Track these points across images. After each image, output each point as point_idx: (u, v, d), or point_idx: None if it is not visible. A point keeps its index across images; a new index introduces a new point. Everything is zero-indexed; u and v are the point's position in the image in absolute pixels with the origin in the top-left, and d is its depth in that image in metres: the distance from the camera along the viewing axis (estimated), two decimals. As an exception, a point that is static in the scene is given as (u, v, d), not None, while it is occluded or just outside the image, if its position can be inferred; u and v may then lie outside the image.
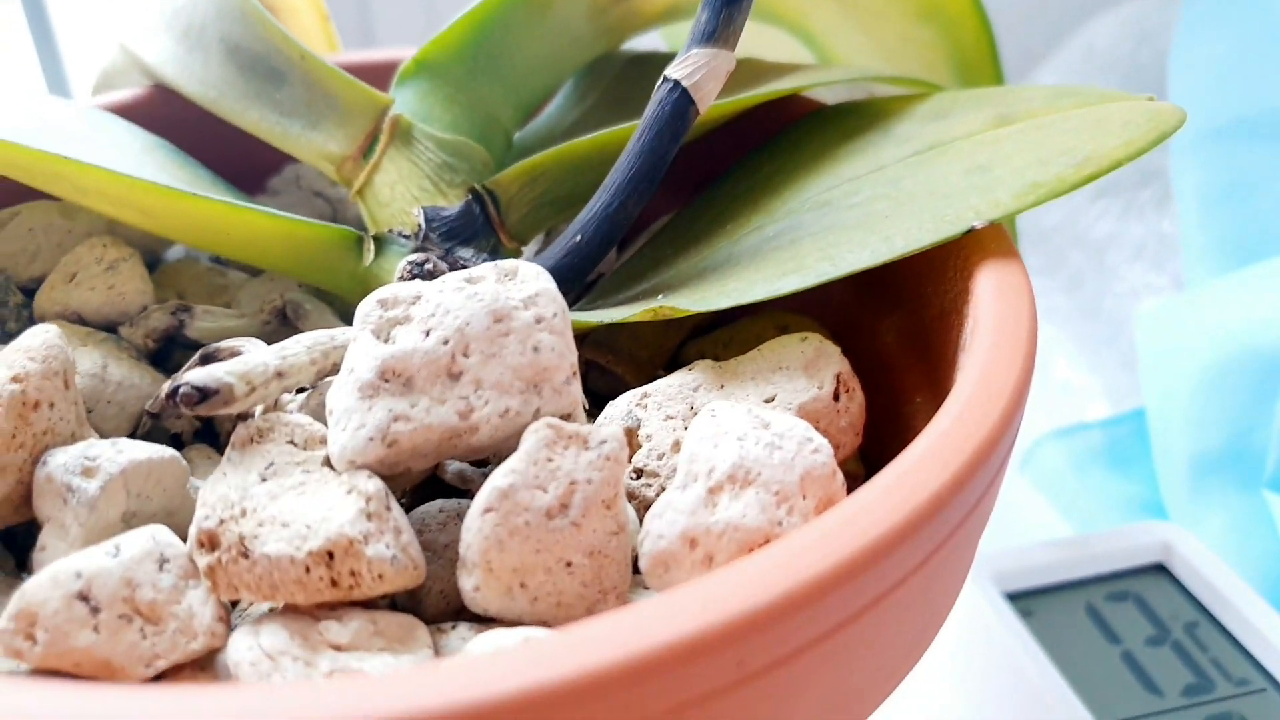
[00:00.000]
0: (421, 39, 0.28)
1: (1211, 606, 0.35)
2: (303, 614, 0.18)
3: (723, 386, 0.23)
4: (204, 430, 0.25)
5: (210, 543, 0.18)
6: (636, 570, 0.20)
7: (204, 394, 0.19)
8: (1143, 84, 0.55)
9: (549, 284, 0.20)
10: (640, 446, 0.22)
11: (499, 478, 0.18)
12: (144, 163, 0.27)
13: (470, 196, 0.26)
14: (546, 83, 0.28)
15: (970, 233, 0.22)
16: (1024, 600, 0.36)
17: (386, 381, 0.19)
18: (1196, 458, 0.41)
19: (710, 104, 0.24)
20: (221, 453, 0.24)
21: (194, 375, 0.19)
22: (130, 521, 0.20)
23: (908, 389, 0.25)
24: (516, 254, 0.26)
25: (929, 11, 0.35)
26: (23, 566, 0.21)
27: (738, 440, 0.20)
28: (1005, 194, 0.22)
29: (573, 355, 0.20)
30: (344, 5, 0.87)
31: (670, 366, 0.26)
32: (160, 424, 0.24)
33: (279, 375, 0.20)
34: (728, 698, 0.14)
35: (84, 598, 0.18)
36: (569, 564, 0.19)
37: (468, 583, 0.18)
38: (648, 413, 0.23)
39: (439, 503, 0.21)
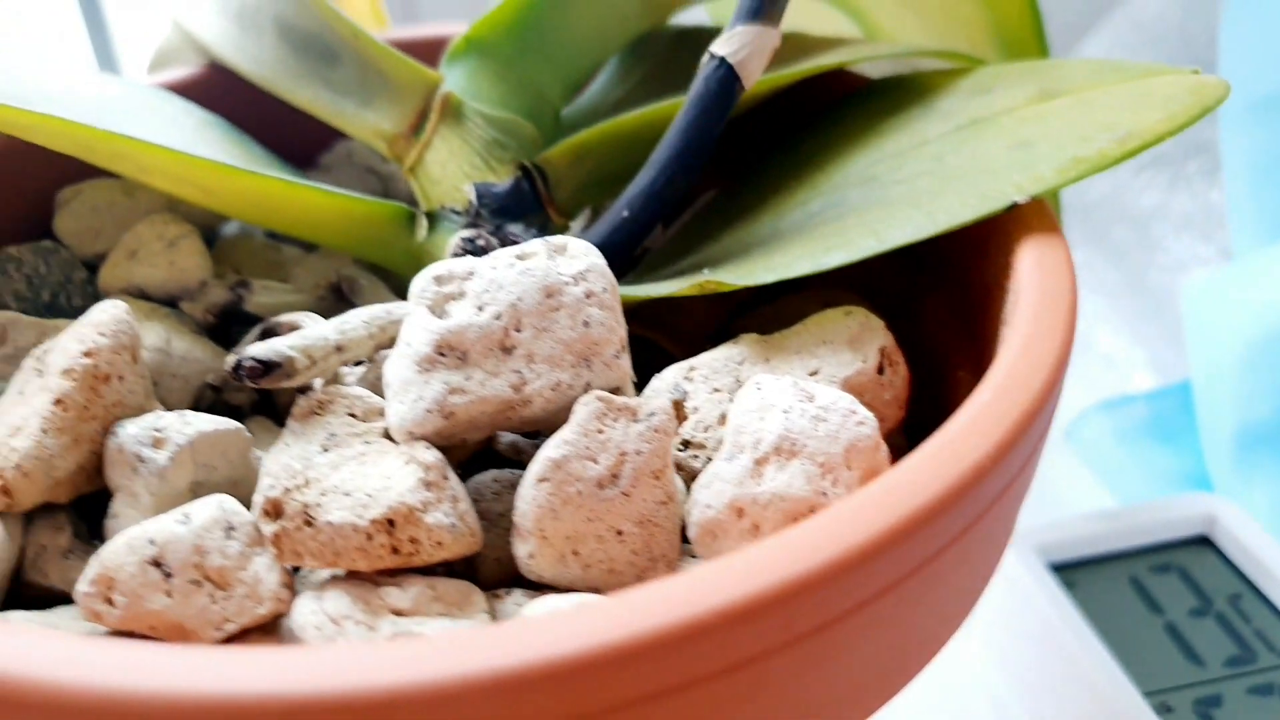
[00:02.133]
0: (468, 16, 0.28)
1: (1255, 578, 0.35)
2: (364, 580, 0.19)
3: (768, 360, 0.23)
4: (263, 403, 0.26)
5: (275, 511, 0.19)
6: (685, 539, 0.20)
7: (267, 367, 0.20)
8: (1192, 56, 0.55)
9: (598, 259, 0.21)
10: (687, 418, 0.23)
11: (552, 449, 0.19)
12: (200, 140, 0.28)
13: (520, 173, 0.26)
14: (593, 59, 0.29)
15: (1013, 208, 0.22)
16: (1067, 572, 0.36)
17: (443, 355, 0.20)
18: (1242, 430, 0.41)
19: (755, 80, 0.24)
20: (281, 424, 0.25)
21: (257, 349, 0.20)
22: (197, 490, 0.21)
23: (951, 363, 0.25)
24: (565, 229, 0.27)
25: (975, -11, 0.35)
26: (95, 534, 0.22)
27: (783, 413, 0.20)
28: (1047, 169, 0.22)
29: (622, 330, 0.21)
30: (387, -20, 0.88)
31: (716, 341, 0.27)
32: (222, 397, 0.25)
33: (338, 349, 0.21)
34: (775, 660, 0.15)
35: (157, 563, 0.18)
36: (620, 532, 0.19)
37: (522, 550, 0.19)
38: (694, 385, 0.23)
39: (493, 473, 0.22)
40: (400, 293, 0.27)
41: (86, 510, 0.22)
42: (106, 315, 0.21)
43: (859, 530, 0.15)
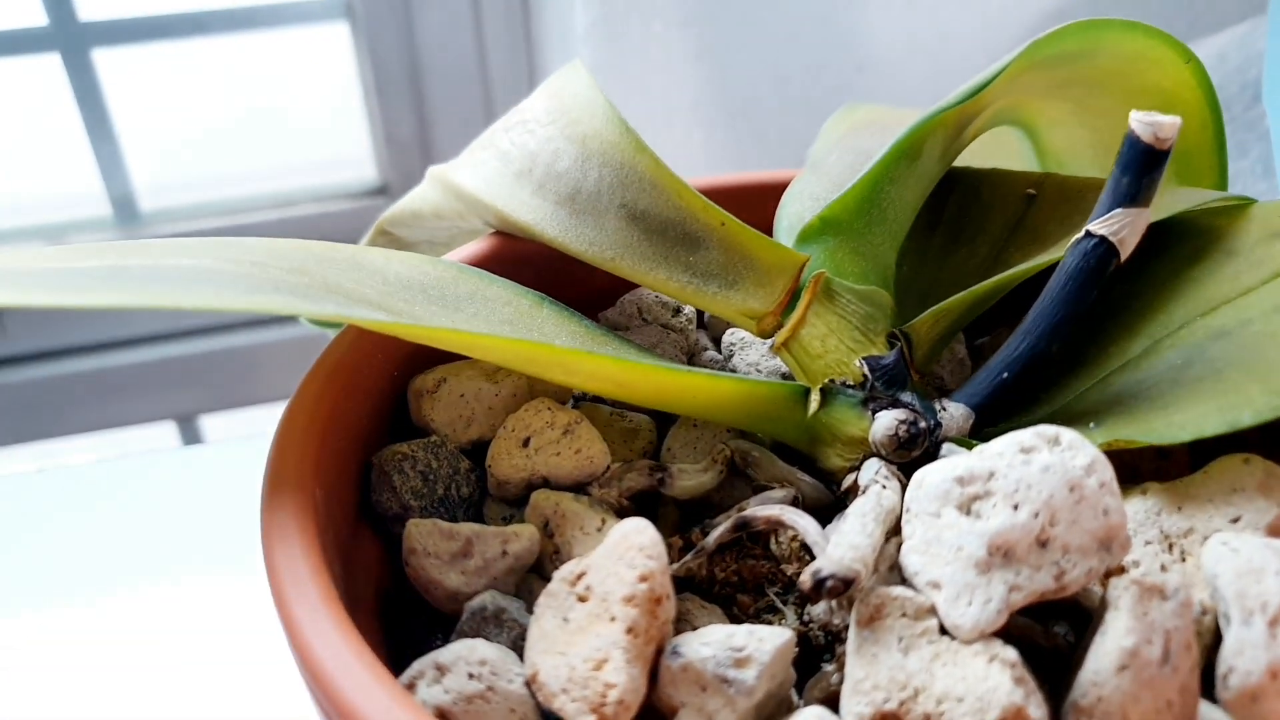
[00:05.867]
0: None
1: None
2: (973, 774, 0.21)
3: (1180, 509, 0.26)
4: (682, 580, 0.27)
5: (891, 720, 0.21)
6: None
7: (847, 584, 0.21)
8: (1233, 116, 0.60)
9: (1095, 450, 0.23)
10: (1127, 571, 0.25)
11: (1123, 638, 0.21)
12: (541, 319, 0.29)
13: (899, 342, 0.28)
14: (910, 221, 0.31)
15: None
16: None
17: (992, 555, 0.22)
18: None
19: (1129, 253, 0.27)
20: (702, 598, 0.26)
21: (833, 567, 0.22)
22: (763, 700, 0.22)
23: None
24: (920, 387, 0.29)
25: (1162, 107, 0.38)
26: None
27: (1276, 576, 0.23)
28: None
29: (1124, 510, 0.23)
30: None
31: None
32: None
33: (875, 550, 0.23)
34: None
35: (799, 783, 0.20)
36: (1169, 703, 0.22)
37: (1096, 730, 0.21)
38: (1125, 540, 0.26)
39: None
40: (791, 460, 0.28)
41: None
42: (646, 537, 0.22)
43: None
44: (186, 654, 0.47)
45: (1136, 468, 0.30)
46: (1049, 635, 0.24)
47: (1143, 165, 0.26)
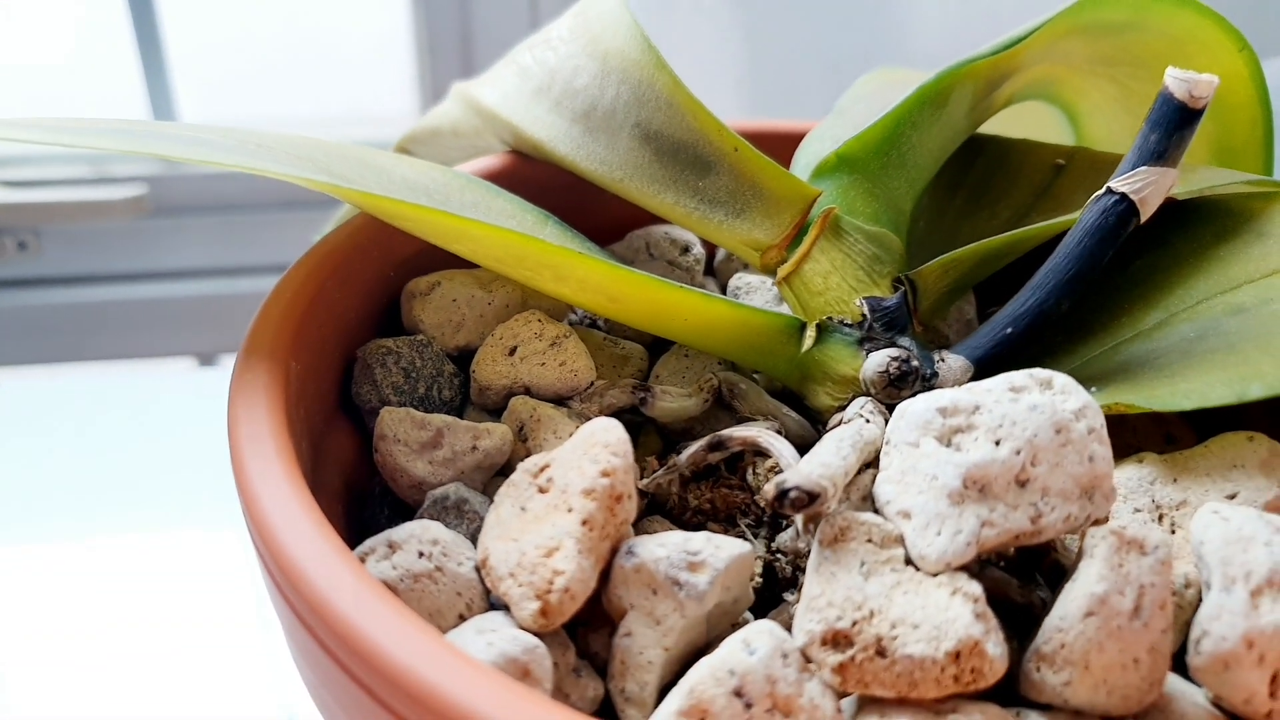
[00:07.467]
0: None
1: None
2: (923, 706, 0.20)
3: (1175, 480, 0.25)
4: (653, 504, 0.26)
5: (842, 641, 0.20)
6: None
7: (812, 498, 0.21)
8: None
9: (1088, 396, 0.22)
10: (1111, 534, 0.24)
11: (1093, 584, 0.20)
12: (545, 236, 0.29)
13: (904, 287, 0.27)
14: (931, 172, 0.30)
15: None
16: None
17: (967, 489, 0.21)
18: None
19: (1151, 214, 0.26)
20: (672, 523, 0.26)
21: (799, 479, 0.21)
22: (714, 611, 0.21)
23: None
24: (923, 338, 0.28)
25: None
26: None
27: (1264, 545, 0.22)
28: None
29: (1112, 463, 0.22)
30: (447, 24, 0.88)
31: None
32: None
33: (846, 474, 0.22)
34: None
35: (739, 694, 0.19)
36: (1136, 660, 0.21)
37: (1056, 678, 0.20)
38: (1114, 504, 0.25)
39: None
40: (778, 396, 0.28)
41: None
42: (613, 435, 0.22)
43: None
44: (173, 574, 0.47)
45: (1139, 449, 0.29)
46: (1024, 592, 0.23)
47: (1173, 123, 0.25)
